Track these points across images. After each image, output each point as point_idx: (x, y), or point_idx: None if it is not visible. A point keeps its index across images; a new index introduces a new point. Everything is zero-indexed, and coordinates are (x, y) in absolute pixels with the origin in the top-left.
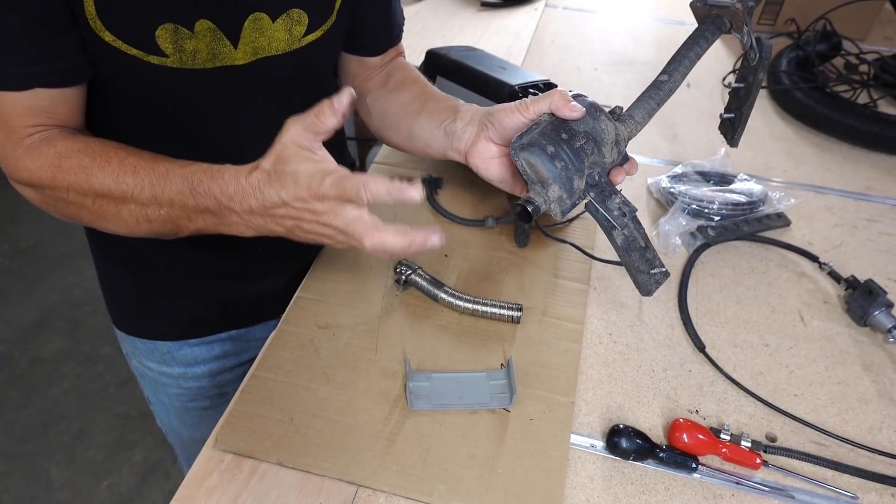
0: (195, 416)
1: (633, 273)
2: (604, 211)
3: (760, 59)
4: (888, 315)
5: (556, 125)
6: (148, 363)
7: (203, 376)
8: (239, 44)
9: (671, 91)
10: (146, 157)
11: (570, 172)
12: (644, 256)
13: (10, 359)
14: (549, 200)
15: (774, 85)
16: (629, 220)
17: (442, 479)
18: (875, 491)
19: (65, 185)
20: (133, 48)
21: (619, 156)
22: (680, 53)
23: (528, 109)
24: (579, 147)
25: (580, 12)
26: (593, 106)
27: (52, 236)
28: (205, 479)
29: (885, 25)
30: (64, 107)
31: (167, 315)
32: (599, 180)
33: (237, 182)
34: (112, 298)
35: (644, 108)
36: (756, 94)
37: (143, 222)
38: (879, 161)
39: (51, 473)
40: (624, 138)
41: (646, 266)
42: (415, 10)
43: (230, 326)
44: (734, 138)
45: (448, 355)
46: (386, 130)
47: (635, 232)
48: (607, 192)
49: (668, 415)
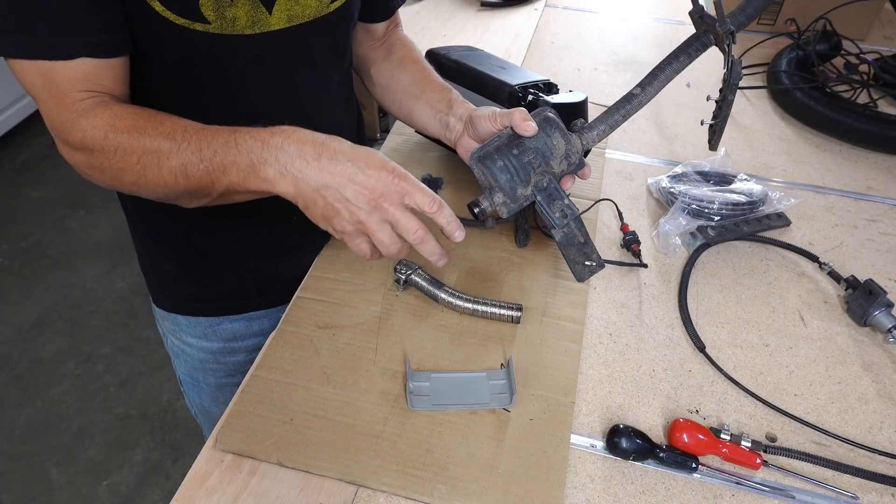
0: (228, 392)
1: (569, 263)
2: (548, 212)
3: (730, 81)
4: (888, 315)
5: (512, 140)
6: (188, 339)
7: (241, 351)
8: (273, 10)
9: (641, 104)
10: (199, 124)
11: (514, 183)
12: (582, 251)
13: (9, 359)
14: (495, 204)
15: (774, 85)
16: (570, 221)
17: (442, 479)
18: (875, 491)
19: (114, 145)
20: (180, 17)
21: (570, 166)
22: (659, 67)
23: (497, 121)
24: (528, 161)
25: (580, 12)
26: (549, 123)
27: (52, 236)
28: (205, 479)
29: (885, 25)
30: (110, 74)
31: (206, 291)
32: (549, 186)
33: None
34: (153, 277)
35: (607, 122)
36: (728, 110)
37: (181, 178)
38: (879, 161)
39: (51, 473)
40: (577, 151)
41: (581, 258)
42: (415, 10)
43: (265, 304)
44: (712, 142)
45: (448, 355)
46: (388, 104)
47: (576, 230)
48: (553, 197)
49: (668, 415)
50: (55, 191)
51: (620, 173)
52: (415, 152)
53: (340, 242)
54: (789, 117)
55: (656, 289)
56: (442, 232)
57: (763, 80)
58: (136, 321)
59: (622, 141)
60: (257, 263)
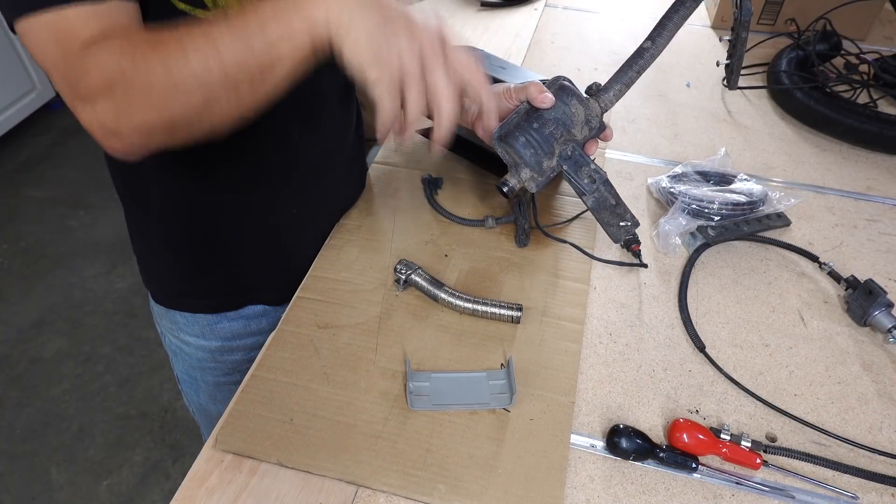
0: (227, 391)
1: (604, 227)
2: (576, 180)
3: (741, 19)
4: (888, 315)
5: (530, 114)
6: (187, 338)
7: (239, 349)
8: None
9: (653, 57)
10: None
11: (539, 157)
12: (615, 212)
13: (9, 359)
14: (523, 180)
15: (774, 85)
16: (599, 185)
17: (442, 479)
18: (875, 491)
19: (130, 59)
20: (182, 2)
21: (591, 131)
22: (666, 16)
23: (512, 97)
24: (549, 133)
25: (580, 12)
26: (565, 91)
27: (52, 236)
28: (205, 479)
29: (885, 25)
30: (123, 12)
31: (205, 289)
32: (573, 154)
33: None
34: (152, 274)
35: (622, 81)
36: (743, 48)
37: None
38: (879, 161)
39: (51, 473)
40: (596, 115)
41: (615, 220)
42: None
43: (264, 303)
44: (732, 80)
45: (448, 355)
46: None
47: (606, 193)
48: (580, 164)
49: (668, 415)
50: (55, 191)
51: (620, 173)
52: (415, 152)
53: (340, 242)
54: (789, 117)
55: (656, 289)
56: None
57: (763, 80)
58: (135, 321)
59: (622, 141)
60: (257, 262)
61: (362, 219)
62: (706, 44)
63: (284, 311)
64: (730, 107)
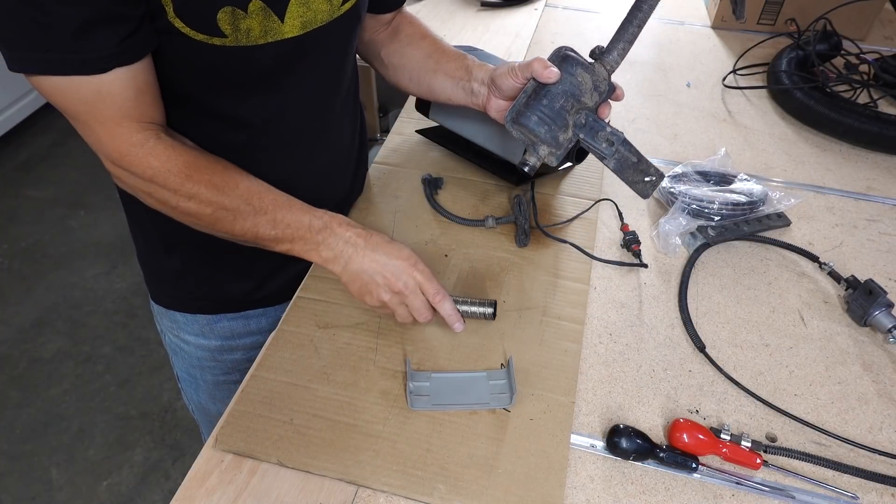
0: (226, 390)
1: (631, 185)
2: (594, 146)
3: None
4: (888, 315)
5: (538, 91)
6: (186, 337)
7: (239, 349)
8: (286, 18)
9: (652, 8)
10: (269, 188)
11: (554, 132)
12: (638, 169)
13: (9, 359)
14: (541, 157)
15: (774, 85)
16: (618, 146)
17: (442, 479)
18: (875, 491)
19: (190, 192)
20: (199, 33)
21: (601, 95)
22: None
23: (518, 75)
24: (560, 107)
25: (580, 12)
26: (569, 61)
27: (52, 236)
28: (205, 479)
29: (885, 25)
30: (148, 98)
31: (206, 289)
32: (587, 121)
33: (353, 225)
34: (153, 274)
35: (624, 38)
36: None
37: (250, 236)
38: (879, 161)
39: (51, 473)
40: (604, 78)
41: (640, 176)
42: (415, 10)
43: (264, 303)
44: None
45: (448, 355)
46: (405, 82)
47: (626, 153)
48: (595, 129)
49: (668, 415)
50: (55, 191)
51: None
52: (415, 152)
53: None
54: (789, 117)
55: (656, 289)
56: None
57: (763, 80)
58: (135, 321)
59: None
60: (258, 262)
61: (362, 219)
62: (706, 44)
63: (284, 311)
64: (730, 107)
